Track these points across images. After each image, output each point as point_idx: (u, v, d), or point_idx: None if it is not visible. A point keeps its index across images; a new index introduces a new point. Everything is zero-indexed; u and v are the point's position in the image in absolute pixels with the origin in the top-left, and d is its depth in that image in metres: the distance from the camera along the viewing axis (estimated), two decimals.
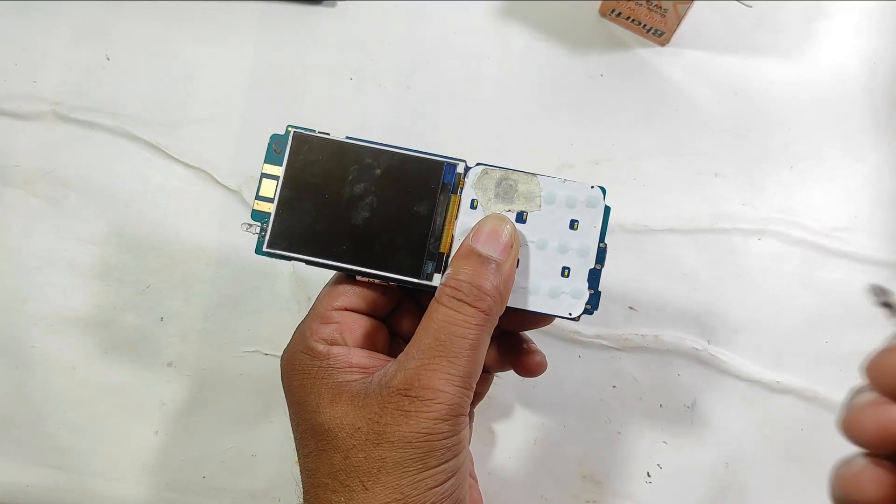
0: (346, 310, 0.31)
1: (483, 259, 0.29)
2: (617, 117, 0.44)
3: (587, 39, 0.44)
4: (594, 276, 0.31)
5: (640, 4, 0.41)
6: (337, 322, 0.31)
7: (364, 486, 0.27)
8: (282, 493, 0.40)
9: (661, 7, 0.41)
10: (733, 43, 0.44)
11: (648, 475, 0.40)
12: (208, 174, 0.43)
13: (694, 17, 0.43)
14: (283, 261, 0.31)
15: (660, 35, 0.43)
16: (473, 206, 0.31)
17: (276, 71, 0.44)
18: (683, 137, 0.43)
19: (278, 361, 0.30)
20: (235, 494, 0.41)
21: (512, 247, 0.29)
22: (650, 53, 0.44)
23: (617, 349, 0.41)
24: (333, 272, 0.32)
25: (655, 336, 0.41)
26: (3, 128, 0.43)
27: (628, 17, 0.43)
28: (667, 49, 0.44)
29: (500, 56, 0.44)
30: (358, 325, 0.31)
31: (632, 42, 0.44)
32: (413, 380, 0.27)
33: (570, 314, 0.31)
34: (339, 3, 0.45)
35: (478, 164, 0.31)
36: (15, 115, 0.43)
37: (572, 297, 0.31)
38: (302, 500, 0.30)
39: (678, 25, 0.42)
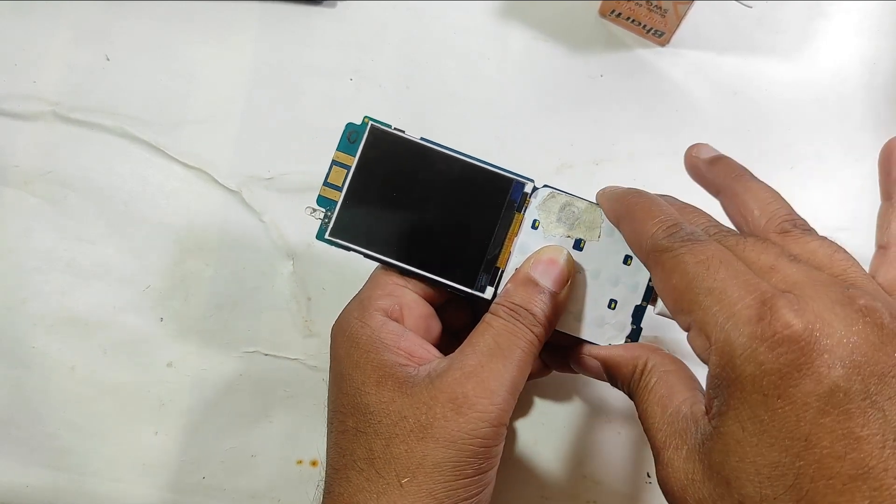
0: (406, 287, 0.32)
1: (539, 288, 0.30)
2: (617, 117, 0.43)
3: (587, 40, 0.44)
4: (639, 313, 0.31)
5: (640, 5, 0.41)
6: (398, 296, 0.31)
7: (399, 481, 0.27)
8: (282, 493, 0.40)
9: (661, 7, 0.41)
10: (733, 43, 0.44)
11: (648, 475, 0.40)
12: (208, 174, 0.43)
13: (694, 18, 0.43)
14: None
15: (660, 35, 0.43)
16: (534, 226, 0.31)
17: (275, 71, 0.44)
18: (683, 137, 0.43)
19: (277, 362, 0.30)
20: (235, 494, 0.40)
21: (568, 281, 0.30)
22: (650, 54, 0.44)
23: None
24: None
25: (655, 337, 0.41)
26: (2, 128, 0.43)
27: (628, 18, 0.43)
28: (667, 49, 0.44)
29: (499, 56, 0.44)
30: (416, 305, 0.31)
31: (632, 42, 0.44)
32: (471, 376, 0.28)
33: (611, 345, 0.31)
34: (338, 3, 0.45)
35: (545, 185, 0.32)
36: (15, 115, 0.43)
37: (615, 329, 0.31)
38: (324, 476, 0.30)
39: (678, 26, 0.42)
